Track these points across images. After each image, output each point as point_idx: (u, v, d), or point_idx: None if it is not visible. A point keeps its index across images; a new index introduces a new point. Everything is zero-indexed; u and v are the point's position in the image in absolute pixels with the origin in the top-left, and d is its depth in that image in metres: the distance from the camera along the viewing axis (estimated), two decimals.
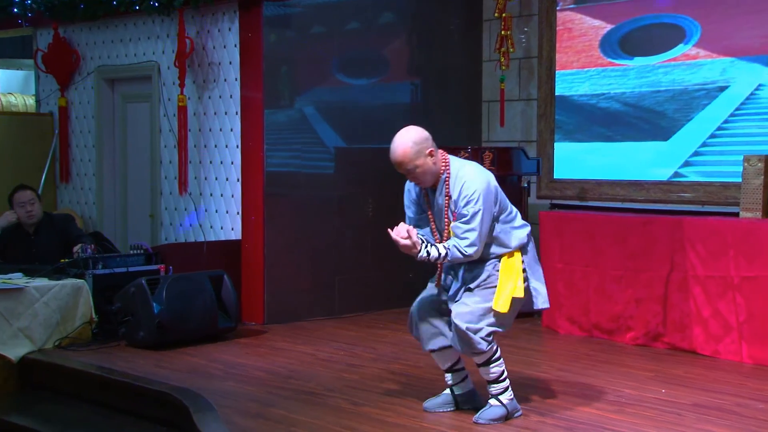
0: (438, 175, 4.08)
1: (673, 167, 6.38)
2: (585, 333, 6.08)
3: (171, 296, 5.65)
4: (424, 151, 4.02)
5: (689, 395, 4.58)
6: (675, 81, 6.37)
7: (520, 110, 7.42)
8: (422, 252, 3.98)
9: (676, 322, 5.62)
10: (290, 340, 6.01)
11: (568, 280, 6.16)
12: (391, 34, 7.38)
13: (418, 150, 4.00)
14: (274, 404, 4.46)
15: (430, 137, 4.07)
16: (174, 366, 5.26)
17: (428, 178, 4.07)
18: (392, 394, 4.62)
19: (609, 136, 6.76)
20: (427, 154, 4.02)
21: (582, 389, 4.70)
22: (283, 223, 6.61)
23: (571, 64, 6.98)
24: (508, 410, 4.14)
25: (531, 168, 6.79)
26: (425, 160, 4.01)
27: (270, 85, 6.55)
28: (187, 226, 7.08)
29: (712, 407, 4.36)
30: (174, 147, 7.19)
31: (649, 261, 5.72)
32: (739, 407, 4.36)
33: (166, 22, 7.26)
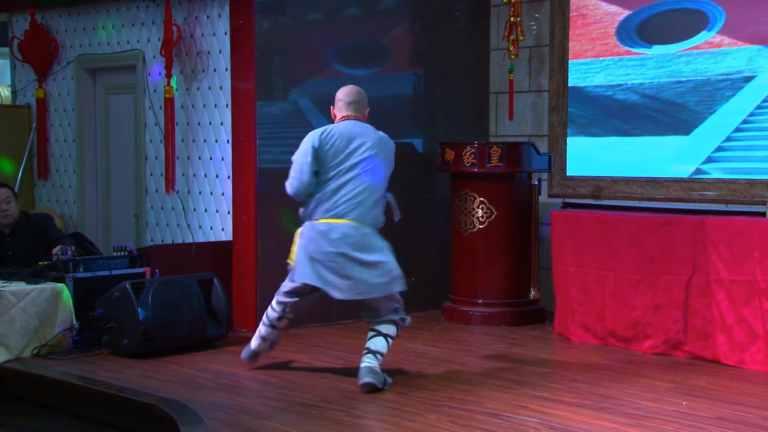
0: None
1: (694, 163, 6.38)
2: (600, 341, 6.08)
3: (157, 301, 5.65)
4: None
5: (712, 408, 4.58)
6: (697, 71, 6.36)
7: (531, 102, 7.42)
8: None
9: (697, 329, 5.61)
10: (284, 349, 5.99)
11: (582, 284, 6.15)
12: (392, 21, 7.37)
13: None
14: (267, 417, 4.46)
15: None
16: (160, 376, 5.26)
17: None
18: (393, 406, 4.62)
19: (626, 130, 6.75)
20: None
21: (597, 401, 4.70)
22: (276, 223, 6.60)
23: (585, 52, 6.97)
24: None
25: (542, 164, 6.78)
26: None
27: (263, 76, 6.54)
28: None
29: (737, 421, 4.36)
30: (160, 142, 7.19)
31: (669, 264, 5.72)
32: (765, 421, 4.36)
33: (152, 8, 7.26)
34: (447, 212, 7.05)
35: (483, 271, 6.75)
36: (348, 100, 5.13)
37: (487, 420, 4.36)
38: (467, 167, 6.71)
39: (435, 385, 4.98)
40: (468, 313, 6.78)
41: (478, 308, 6.76)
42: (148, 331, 5.61)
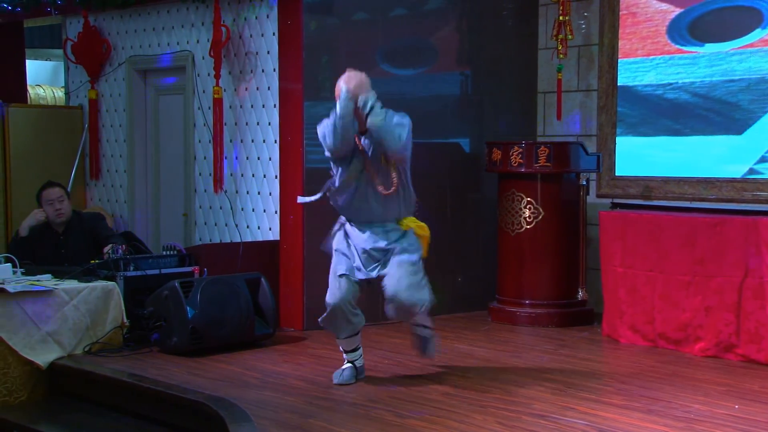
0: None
1: (747, 163, 6.27)
2: (649, 343, 6.01)
3: (205, 300, 5.71)
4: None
5: (766, 412, 4.50)
6: (751, 69, 6.25)
7: (579, 102, 7.35)
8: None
9: (750, 332, 5.52)
10: (331, 348, 6.01)
11: (631, 285, 6.09)
12: (440, 21, 7.36)
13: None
14: (314, 415, 4.48)
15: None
16: (208, 374, 5.31)
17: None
18: (439, 406, 4.61)
19: (677, 129, 6.66)
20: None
21: (647, 404, 4.64)
22: (323, 222, 6.59)
23: (635, 51, 6.89)
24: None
25: (590, 164, 6.73)
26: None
27: (310, 76, 6.57)
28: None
29: None
30: (209, 142, 7.26)
31: (721, 266, 5.63)
32: None
33: (201, 10, 7.34)
34: (494, 212, 7.02)
35: (530, 271, 6.70)
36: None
37: (534, 422, 4.33)
38: (514, 167, 6.67)
39: (481, 386, 4.96)
40: (515, 313, 6.74)
41: (525, 309, 6.71)
42: (197, 330, 5.67)
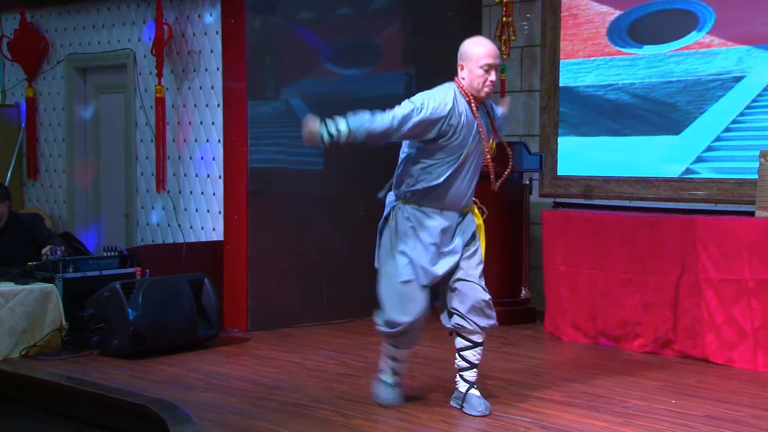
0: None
1: (684, 163, 6.42)
2: (590, 340, 6.12)
3: (147, 302, 5.67)
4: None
5: (701, 406, 4.62)
6: (687, 71, 6.41)
7: (522, 102, 7.45)
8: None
9: (687, 328, 5.66)
10: (275, 348, 6.03)
11: (573, 283, 6.19)
12: (385, 20, 7.40)
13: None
14: (257, 417, 4.48)
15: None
16: (150, 376, 5.28)
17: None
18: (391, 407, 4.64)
19: (617, 129, 6.79)
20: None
21: (587, 400, 4.73)
22: (268, 223, 6.63)
23: (576, 52, 7.01)
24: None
25: (533, 164, 6.82)
26: None
27: (254, 75, 6.56)
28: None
29: (727, 419, 4.40)
30: (151, 141, 7.21)
31: (659, 263, 5.76)
32: (755, 419, 4.40)
33: (142, 7, 7.28)
34: None
35: None
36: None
37: (479, 419, 4.39)
38: None
39: (427, 385, 5.01)
40: None
41: None
42: (138, 332, 5.63)
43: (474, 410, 4.42)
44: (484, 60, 4.32)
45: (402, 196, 4.47)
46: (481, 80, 4.34)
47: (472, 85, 4.35)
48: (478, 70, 4.32)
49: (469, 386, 4.47)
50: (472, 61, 4.34)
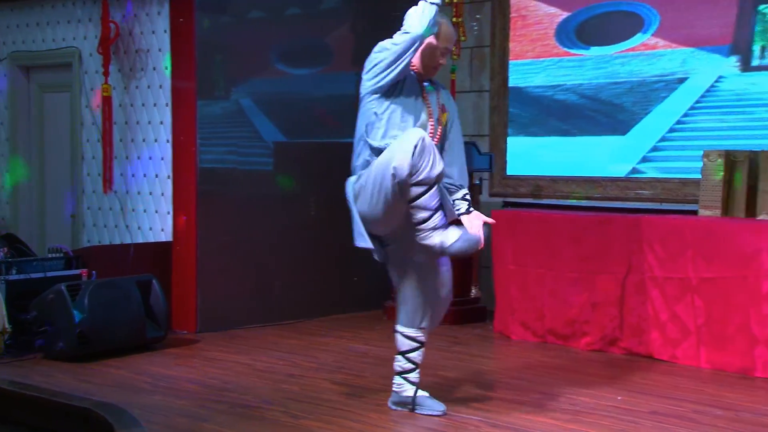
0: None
1: (631, 163, 6.51)
2: (539, 339, 6.18)
3: (94, 304, 5.60)
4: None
5: (646, 402, 4.69)
6: (633, 72, 6.51)
7: (472, 102, 7.50)
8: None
9: (633, 326, 5.74)
10: (225, 350, 6.00)
11: (522, 283, 6.25)
12: (335, 21, 7.40)
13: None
14: (206, 419, 4.45)
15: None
16: (97, 380, 5.21)
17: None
18: (335, 406, 4.64)
19: (565, 130, 6.87)
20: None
21: (536, 398, 4.78)
22: (217, 223, 6.59)
23: (525, 53, 7.07)
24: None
25: (483, 164, 6.86)
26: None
27: (203, 75, 6.52)
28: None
29: (670, 414, 4.47)
30: (98, 141, 7.12)
31: (606, 262, 5.84)
32: (697, 414, 4.49)
33: (88, 5, 7.19)
34: None
35: None
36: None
37: (428, 418, 4.41)
38: None
39: (377, 385, 5.02)
40: None
41: None
42: (85, 334, 5.56)
43: (434, 410, 4.40)
44: (443, 42, 4.29)
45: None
46: (434, 60, 4.29)
47: (424, 62, 4.30)
48: (428, 48, 4.27)
49: (416, 388, 4.45)
50: (440, 38, 4.28)
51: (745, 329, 5.25)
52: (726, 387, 5.01)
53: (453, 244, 4.04)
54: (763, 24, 5.93)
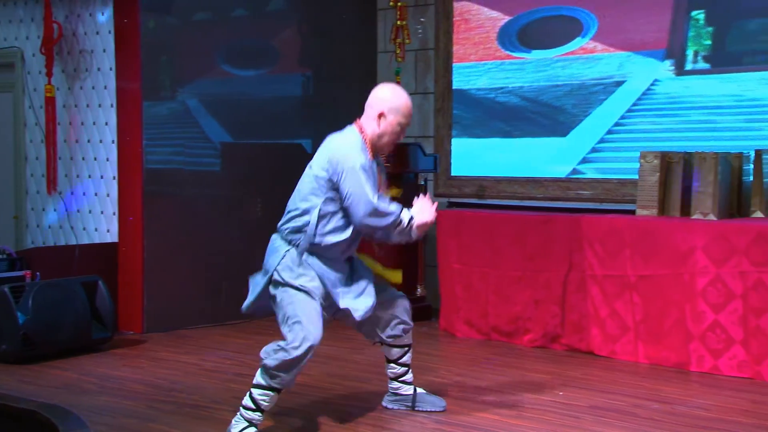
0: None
1: (571, 164, 6.61)
2: (483, 336, 6.25)
3: (38, 305, 5.52)
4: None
5: (587, 397, 4.77)
6: (573, 75, 6.60)
7: (417, 104, 7.52)
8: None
9: (574, 323, 5.84)
10: (172, 350, 5.95)
11: (467, 281, 6.31)
12: (281, 23, 7.38)
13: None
14: (154, 420, 4.42)
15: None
16: (41, 381, 5.14)
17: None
18: (282, 404, 4.64)
19: (508, 131, 6.94)
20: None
21: (480, 394, 4.84)
22: (164, 224, 6.53)
23: (468, 56, 7.14)
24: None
25: (428, 165, 6.91)
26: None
27: (149, 76, 6.46)
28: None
29: (609, 409, 4.56)
30: (41, 142, 7.01)
31: (548, 261, 5.92)
32: (635, 408, 4.58)
33: (30, 5, 7.08)
34: None
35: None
36: (366, 103, 4.23)
37: (376, 416, 4.45)
38: None
39: (325, 383, 5.04)
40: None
41: None
42: (29, 336, 5.48)
43: (436, 406, 4.49)
44: (408, 118, 4.16)
45: (301, 244, 4.10)
46: (395, 138, 4.15)
47: (382, 139, 4.12)
48: (398, 126, 4.13)
49: (414, 386, 4.52)
50: (401, 114, 4.12)
51: (680, 325, 5.37)
52: (662, 381, 5.12)
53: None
54: (696, 29, 6.07)
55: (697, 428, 4.26)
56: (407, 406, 4.52)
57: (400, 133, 4.17)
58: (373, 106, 4.14)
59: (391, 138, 4.16)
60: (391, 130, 4.13)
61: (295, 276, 4.07)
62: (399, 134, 4.17)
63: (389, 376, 4.54)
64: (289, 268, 4.08)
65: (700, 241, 5.30)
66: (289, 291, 4.05)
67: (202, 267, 6.72)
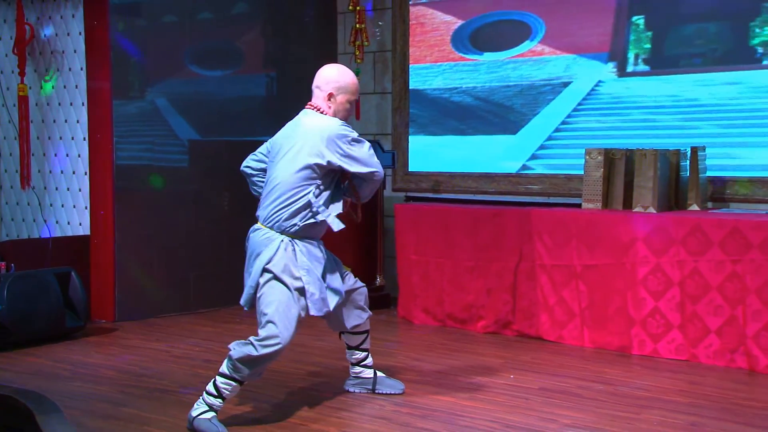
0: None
1: (521, 160, 6.65)
2: (439, 323, 6.27)
3: (13, 295, 5.44)
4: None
5: (536, 380, 4.82)
6: (522, 76, 6.65)
7: (375, 103, 7.55)
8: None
9: (524, 310, 5.88)
10: (143, 338, 5.90)
11: (423, 271, 6.33)
12: (245, 25, 7.34)
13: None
14: (125, 404, 4.39)
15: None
16: (16, 368, 5.07)
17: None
18: (249, 389, 4.62)
19: (462, 129, 6.97)
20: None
21: (436, 378, 4.86)
22: (134, 217, 6.47)
23: (424, 58, 7.15)
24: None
25: (386, 161, 6.90)
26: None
27: (118, 76, 6.38)
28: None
29: (557, 390, 4.61)
30: (15, 139, 6.90)
31: (500, 252, 5.95)
32: (581, 389, 4.63)
33: (3, 7, 6.95)
34: None
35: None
36: (313, 84, 4.21)
37: (340, 399, 4.45)
38: None
39: (289, 368, 5.03)
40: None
41: None
42: (4, 325, 5.40)
43: (396, 389, 4.49)
44: (356, 95, 4.16)
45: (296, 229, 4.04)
46: (347, 115, 4.15)
47: (336, 116, 4.12)
48: (348, 104, 4.14)
49: (374, 370, 4.52)
50: (349, 92, 4.12)
51: (623, 311, 5.44)
52: (606, 364, 5.18)
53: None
54: (636, 33, 6.14)
55: (638, 407, 4.32)
56: (368, 389, 4.52)
57: (350, 110, 4.17)
58: (322, 88, 4.14)
59: (343, 116, 4.15)
60: (342, 109, 4.14)
61: (288, 274, 3.96)
62: (349, 111, 4.17)
63: (350, 361, 4.54)
64: (284, 264, 3.97)
65: (640, 232, 5.37)
66: (276, 287, 3.95)
67: (171, 258, 6.67)
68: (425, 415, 4.20)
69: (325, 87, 4.14)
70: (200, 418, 3.91)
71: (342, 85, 4.13)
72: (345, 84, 4.13)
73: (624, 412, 4.23)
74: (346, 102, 4.14)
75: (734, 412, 4.24)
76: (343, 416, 4.19)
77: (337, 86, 4.12)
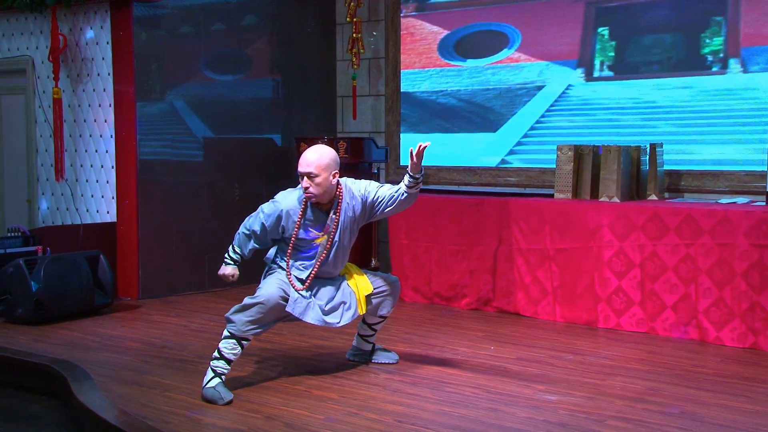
0: (332, 195, 4.11)
1: (500, 155, 6.63)
2: (427, 300, 6.25)
3: (48, 275, 5.41)
4: (332, 170, 4.05)
5: (513, 351, 4.81)
6: (501, 80, 6.61)
7: (370, 105, 7.51)
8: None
9: (503, 288, 5.87)
10: (164, 313, 5.87)
11: (413, 254, 6.30)
12: (254, 35, 7.28)
13: (330, 165, 4.03)
14: (148, 372, 4.36)
15: (338, 163, 4.10)
16: (52, 340, 5.04)
17: (322, 193, 4.05)
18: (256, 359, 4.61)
19: (447, 127, 6.94)
20: (333, 174, 4.05)
21: (425, 349, 4.84)
22: (155, 206, 6.43)
23: (413, 64, 7.11)
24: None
25: (380, 156, 6.87)
26: (329, 177, 4.03)
27: (141, 80, 6.33)
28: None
29: (532, 360, 4.60)
30: (50, 136, 6.84)
31: (481, 237, 5.93)
32: (552, 359, 4.63)
33: (39, 20, 6.88)
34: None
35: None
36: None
37: (338, 369, 4.42)
38: None
39: (293, 341, 5.00)
40: None
41: None
42: (41, 301, 5.37)
43: (390, 359, 4.50)
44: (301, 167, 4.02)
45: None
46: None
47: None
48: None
49: (372, 344, 4.51)
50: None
51: (590, 290, 5.43)
52: (576, 336, 5.18)
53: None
54: (601, 43, 6.11)
55: (603, 375, 4.32)
56: (366, 359, 4.50)
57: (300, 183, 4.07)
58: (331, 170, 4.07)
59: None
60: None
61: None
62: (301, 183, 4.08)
63: (359, 332, 4.51)
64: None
65: (606, 219, 5.35)
66: (276, 280, 4.11)
67: (188, 243, 6.64)
68: (415, 382, 4.19)
69: (335, 170, 4.09)
70: (206, 387, 3.90)
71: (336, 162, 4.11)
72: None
73: (591, 379, 4.22)
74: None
75: (687, 378, 4.24)
76: (343, 383, 4.17)
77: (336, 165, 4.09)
